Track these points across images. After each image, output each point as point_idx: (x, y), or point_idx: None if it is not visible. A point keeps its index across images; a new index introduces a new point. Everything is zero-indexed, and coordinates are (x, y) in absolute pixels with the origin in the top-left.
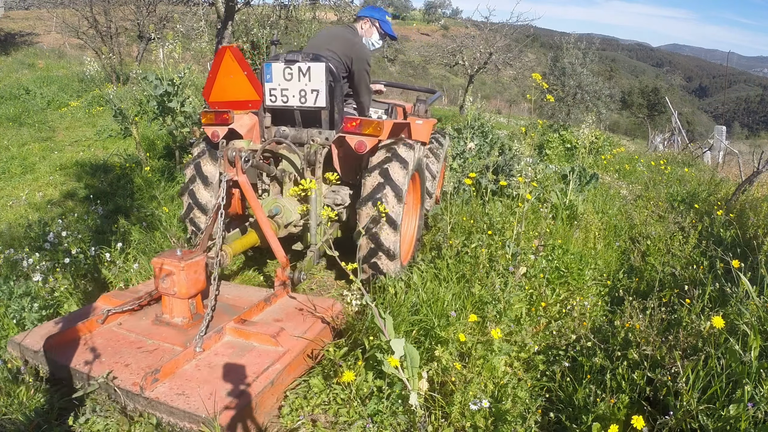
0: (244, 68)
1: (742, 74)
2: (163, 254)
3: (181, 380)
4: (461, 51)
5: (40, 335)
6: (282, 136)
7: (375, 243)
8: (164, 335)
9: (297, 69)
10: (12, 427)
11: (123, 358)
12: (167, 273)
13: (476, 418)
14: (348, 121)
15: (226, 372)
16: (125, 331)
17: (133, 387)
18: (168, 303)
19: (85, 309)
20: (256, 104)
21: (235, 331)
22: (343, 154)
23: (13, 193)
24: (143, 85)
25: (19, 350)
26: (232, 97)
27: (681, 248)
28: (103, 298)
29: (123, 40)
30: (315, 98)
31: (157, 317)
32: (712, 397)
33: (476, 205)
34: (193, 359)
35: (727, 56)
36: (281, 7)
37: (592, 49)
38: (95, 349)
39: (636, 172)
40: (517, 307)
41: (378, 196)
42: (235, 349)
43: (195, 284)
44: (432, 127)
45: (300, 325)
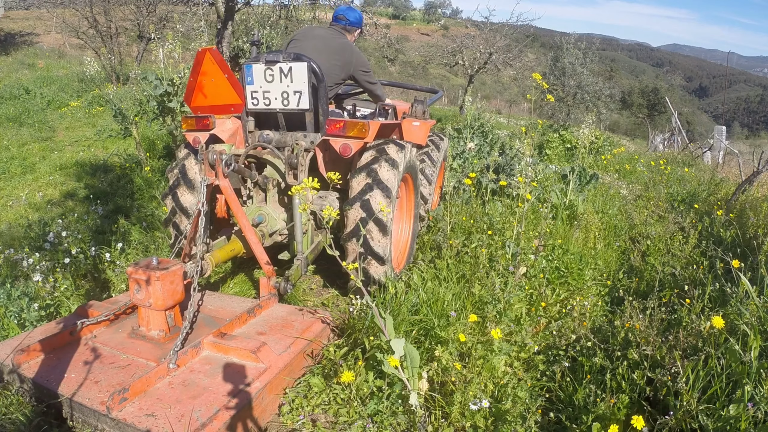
0: (225, 71)
1: (742, 74)
2: (139, 263)
3: (152, 399)
4: (461, 51)
5: (10, 348)
6: (266, 141)
7: (364, 247)
8: (139, 349)
9: (278, 70)
10: (12, 427)
11: (93, 374)
12: (141, 283)
13: (476, 418)
14: (332, 123)
15: (201, 391)
16: (99, 345)
17: (100, 406)
18: (144, 315)
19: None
20: (239, 108)
21: (214, 345)
22: (329, 158)
23: (13, 193)
24: (143, 85)
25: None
26: (214, 102)
27: (681, 248)
28: (79, 310)
29: (123, 40)
30: (298, 100)
31: (133, 330)
32: (712, 397)
33: (476, 205)
34: (167, 376)
35: (727, 56)
36: (281, 7)
37: (592, 49)
38: (66, 363)
39: (636, 172)
40: (517, 307)
41: (366, 198)
42: (212, 365)
43: (172, 295)
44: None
45: (283, 339)
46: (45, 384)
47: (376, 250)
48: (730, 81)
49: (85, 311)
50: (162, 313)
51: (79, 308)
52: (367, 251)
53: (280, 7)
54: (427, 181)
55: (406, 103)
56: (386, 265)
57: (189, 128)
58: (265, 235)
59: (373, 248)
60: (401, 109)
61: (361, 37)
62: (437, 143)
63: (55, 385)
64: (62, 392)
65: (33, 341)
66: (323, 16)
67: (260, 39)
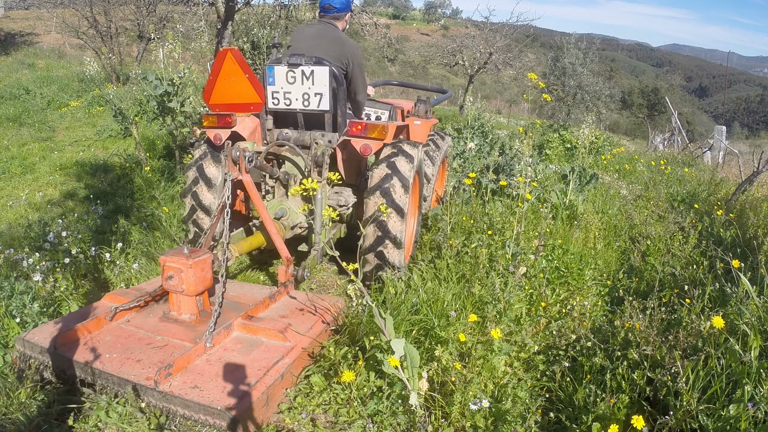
0: (246, 71)
1: (742, 74)
2: (170, 252)
3: (194, 374)
4: (461, 51)
5: (47, 332)
6: (284, 139)
7: (382, 231)
8: (173, 332)
9: (300, 72)
10: (12, 427)
11: (134, 354)
12: (175, 271)
13: (476, 418)
14: (353, 125)
15: (237, 366)
16: (133, 328)
17: (146, 381)
18: (175, 300)
19: (88, 308)
20: (258, 107)
21: (243, 327)
22: (346, 157)
23: (13, 193)
24: (143, 85)
25: (31, 348)
26: (234, 100)
27: (681, 248)
28: (108, 297)
29: (123, 40)
30: (318, 101)
31: (164, 314)
32: (712, 397)
33: (476, 205)
34: (204, 354)
35: (727, 56)
36: (281, 7)
37: (592, 49)
38: (109, 345)
39: (636, 172)
40: (517, 307)
41: (386, 186)
42: (243, 345)
43: (202, 282)
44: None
45: (305, 321)
46: (88, 364)
47: (394, 234)
48: (730, 81)
49: (114, 297)
50: (193, 298)
51: (107, 295)
52: (385, 235)
53: (280, 7)
54: (426, 179)
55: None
56: (402, 249)
57: (210, 125)
58: (287, 228)
59: (390, 231)
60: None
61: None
62: (437, 142)
63: (99, 365)
64: (107, 370)
65: (69, 326)
66: None
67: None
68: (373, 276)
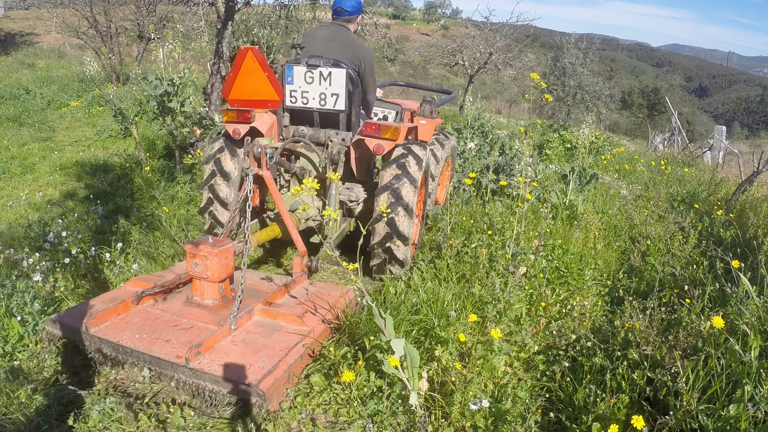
0: (265, 69)
1: (742, 74)
2: (196, 241)
3: (220, 354)
4: (461, 51)
5: (76, 315)
6: (300, 135)
7: (391, 228)
8: (197, 315)
9: (318, 73)
10: (12, 427)
11: (162, 335)
12: (201, 258)
13: (476, 418)
14: (368, 126)
15: (261, 347)
16: (159, 312)
17: (177, 359)
18: (199, 286)
19: (112, 292)
20: (276, 104)
21: (263, 312)
22: (358, 155)
23: (13, 193)
24: (143, 85)
25: (62, 329)
26: (252, 96)
27: (681, 248)
28: (131, 282)
29: (123, 40)
30: (335, 101)
31: (188, 299)
32: (712, 397)
33: (476, 205)
34: (229, 336)
35: (727, 56)
36: (281, 7)
37: (592, 49)
38: (137, 326)
39: (636, 172)
40: (517, 307)
41: (396, 186)
42: (264, 328)
43: (225, 269)
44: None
45: (321, 307)
46: (119, 343)
47: (402, 231)
48: (730, 81)
49: (137, 283)
50: (216, 285)
51: (130, 280)
52: (394, 231)
53: (280, 7)
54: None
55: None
56: (408, 246)
57: (230, 120)
58: (301, 220)
59: (399, 229)
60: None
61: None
62: (442, 141)
63: (130, 344)
64: (138, 349)
65: (97, 309)
66: (323, 16)
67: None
68: (380, 270)
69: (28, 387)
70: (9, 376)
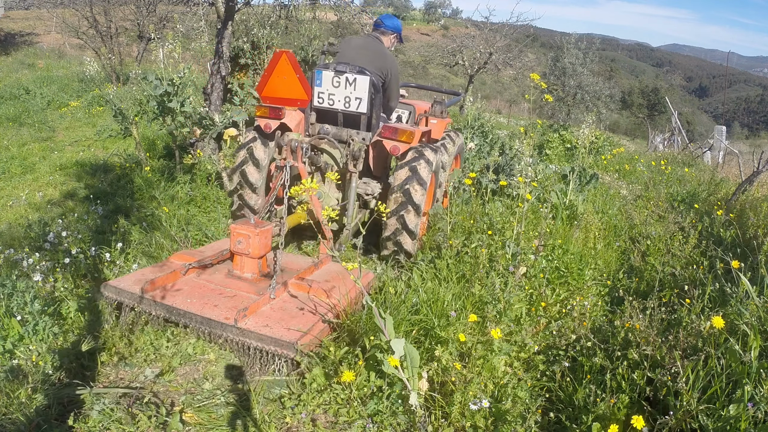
0: (297, 71)
1: (742, 74)
2: (239, 222)
3: (263, 317)
4: (461, 51)
5: (130, 282)
6: (325, 133)
7: (400, 223)
8: (238, 286)
9: (344, 79)
10: (12, 427)
11: (210, 301)
12: (244, 237)
13: (476, 418)
14: (387, 129)
15: (296, 314)
16: (204, 282)
17: (226, 320)
18: (239, 261)
19: (158, 264)
20: (304, 103)
21: (297, 285)
22: (376, 154)
23: (13, 193)
24: (143, 85)
25: (117, 293)
26: (284, 95)
27: (681, 248)
28: (176, 256)
29: (123, 40)
30: (358, 104)
31: (229, 272)
32: (712, 397)
33: (476, 205)
34: (268, 303)
35: (727, 56)
36: (281, 7)
37: (592, 49)
38: (187, 293)
39: (636, 172)
40: (517, 307)
41: (406, 187)
42: (298, 299)
43: (264, 247)
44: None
45: (344, 285)
46: (174, 305)
47: (410, 227)
48: (730, 81)
49: (182, 257)
50: (255, 261)
51: (175, 254)
52: (403, 227)
53: (280, 7)
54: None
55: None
56: (416, 240)
57: (262, 115)
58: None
59: (407, 225)
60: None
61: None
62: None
63: (183, 307)
64: (191, 311)
65: (149, 277)
66: (323, 16)
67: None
68: (390, 259)
69: (28, 387)
70: (9, 376)
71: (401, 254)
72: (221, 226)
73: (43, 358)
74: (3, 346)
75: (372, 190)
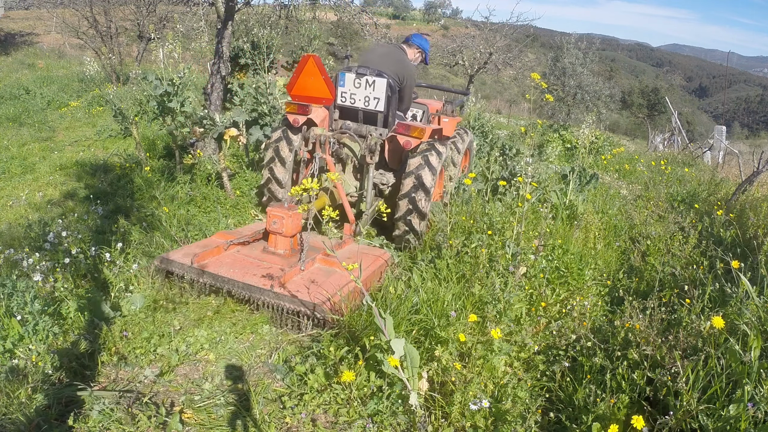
0: (323, 73)
1: (742, 74)
2: (275, 206)
3: (295, 285)
4: (461, 51)
5: (180, 255)
6: (346, 128)
7: (412, 205)
8: (273, 260)
9: (365, 81)
10: (12, 427)
11: (250, 271)
12: (278, 218)
13: (476, 418)
14: (400, 125)
15: (323, 283)
16: (244, 256)
17: (264, 286)
18: (274, 239)
19: (202, 241)
20: (329, 101)
21: (323, 260)
22: (391, 148)
23: (13, 193)
24: (143, 85)
25: (169, 264)
26: (311, 93)
27: (681, 248)
28: (217, 235)
29: (123, 40)
30: (376, 104)
31: (264, 248)
32: (712, 397)
33: (476, 205)
34: (299, 274)
35: (727, 56)
36: (281, 7)
37: (592, 49)
38: (230, 264)
39: (636, 172)
40: (517, 307)
41: (419, 173)
42: (323, 272)
43: (296, 227)
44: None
45: (365, 261)
46: (220, 274)
47: (421, 208)
48: (730, 81)
49: (222, 235)
50: (287, 239)
51: (216, 234)
52: (414, 208)
53: (280, 7)
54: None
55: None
56: (425, 221)
57: (291, 111)
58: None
59: (418, 206)
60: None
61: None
62: (462, 135)
63: (227, 275)
64: (233, 277)
65: (196, 252)
66: (323, 16)
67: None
68: (401, 239)
69: (28, 387)
70: (9, 376)
71: (411, 234)
72: (221, 227)
73: (43, 358)
74: (3, 346)
75: (387, 180)
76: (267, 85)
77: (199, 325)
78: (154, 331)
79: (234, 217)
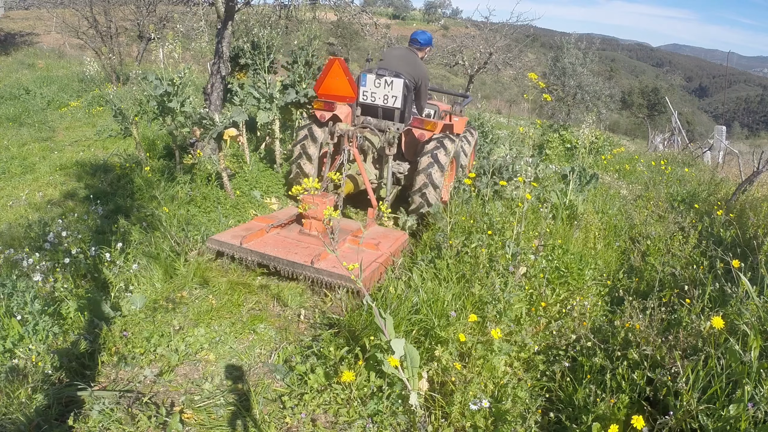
0: (347, 74)
1: (742, 74)
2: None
3: (329, 262)
4: (461, 51)
5: (228, 237)
6: (367, 123)
7: (428, 179)
8: (309, 241)
9: (384, 81)
10: (12, 427)
11: (291, 250)
12: (314, 204)
13: (476, 418)
14: (415, 120)
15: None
16: (283, 237)
17: (305, 262)
18: (308, 223)
19: (245, 224)
20: (352, 99)
21: (352, 241)
22: (408, 140)
23: (13, 193)
24: (143, 85)
25: (220, 245)
26: (336, 92)
27: (681, 248)
28: (257, 219)
29: (123, 40)
30: (394, 101)
31: (300, 230)
32: (712, 397)
33: (476, 205)
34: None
35: (727, 56)
36: (281, 7)
37: (592, 49)
38: (273, 244)
39: (636, 172)
40: (517, 307)
41: (435, 152)
42: (353, 251)
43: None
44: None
45: (387, 241)
46: (264, 252)
47: (435, 181)
48: (730, 81)
49: (262, 219)
50: (321, 222)
51: (256, 218)
52: (429, 181)
53: (280, 7)
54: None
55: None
56: (438, 192)
57: (318, 108)
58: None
59: (433, 179)
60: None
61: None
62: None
63: (272, 253)
64: (278, 255)
65: (242, 234)
66: (323, 16)
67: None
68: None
69: (28, 387)
70: (9, 376)
71: (425, 206)
72: (221, 227)
73: (43, 358)
74: (3, 346)
75: (403, 169)
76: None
77: (198, 324)
78: (154, 331)
79: (234, 217)
